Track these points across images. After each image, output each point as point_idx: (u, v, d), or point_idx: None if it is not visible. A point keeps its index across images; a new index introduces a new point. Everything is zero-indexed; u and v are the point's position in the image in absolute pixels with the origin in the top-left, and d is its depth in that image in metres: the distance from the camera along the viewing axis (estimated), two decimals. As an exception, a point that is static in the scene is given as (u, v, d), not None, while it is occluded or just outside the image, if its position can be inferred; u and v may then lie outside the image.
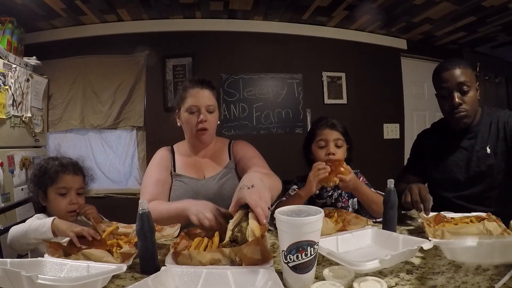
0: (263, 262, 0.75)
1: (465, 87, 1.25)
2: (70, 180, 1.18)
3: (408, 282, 0.70)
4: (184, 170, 1.29)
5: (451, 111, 1.28)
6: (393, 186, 1.05)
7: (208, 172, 1.30)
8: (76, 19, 2.60)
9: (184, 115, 1.26)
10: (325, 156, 1.31)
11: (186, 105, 1.24)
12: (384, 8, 2.58)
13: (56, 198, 1.16)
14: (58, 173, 1.17)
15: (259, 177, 0.93)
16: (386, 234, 0.93)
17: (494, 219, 0.96)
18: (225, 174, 1.29)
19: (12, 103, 2.06)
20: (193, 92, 1.24)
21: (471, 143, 1.32)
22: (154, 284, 0.65)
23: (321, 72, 3.06)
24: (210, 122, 1.25)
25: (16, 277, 0.61)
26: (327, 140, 1.32)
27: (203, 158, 1.33)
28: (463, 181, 1.32)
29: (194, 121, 1.23)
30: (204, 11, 2.69)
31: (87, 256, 0.82)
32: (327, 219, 1.00)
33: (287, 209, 0.74)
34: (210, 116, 1.25)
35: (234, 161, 1.33)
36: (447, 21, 2.79)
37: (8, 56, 2.06)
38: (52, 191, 1.16)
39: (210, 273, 0.71)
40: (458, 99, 1.25)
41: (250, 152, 1.32)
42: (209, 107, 1.24)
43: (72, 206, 1.17)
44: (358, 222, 1.06)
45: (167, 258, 0.79)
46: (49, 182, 1.16)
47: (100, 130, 2.79)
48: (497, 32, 3.04)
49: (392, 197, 1.05)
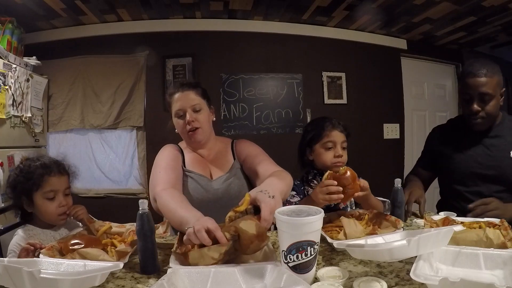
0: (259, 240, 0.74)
1: (487, 97, 1.25)
2: (57, 182, 1.11)
3: (408, 282, 0.70)
4: (193, 167, 1.29)
5: (469, 116, 1.30)
6: (400, 185, 1.06)
7: (214, 172, 1.31)
8: (76, 19, 2.59)
9: (175, 120, 1.29)
10: (334, 158, 1.30)
11: (174, 110, 1.27)
12: (384, 8, 2.58)
13: (44, 203, 1.09)
14: (43, 176, 1.09)
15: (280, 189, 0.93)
16: (417, 233, 0.87)
17: (506, 226, 0.89)
18: (231, 175, 1.29)
19: (12, 103, 2.06)
20: (176, 96, 1.27)
21: (493, 142, 1.33)
22: (169, 285, 0.65)
23: (321, 72, 3.06)
24: (200, 120, 1.26)
25: (17, 273, 0.61)
26: (335, 142, 1.30)
27: (207, 159, 1.34)
28: (480, 177, 1.32)
29: (182, 124, 1.25)
30: (204, 11, 2.68)
31: (83, 255, 0.82)
32: (356, 221, 0.97)
33: (287, 209, 0.74)
34: (197, 114, 1.25)
35: (239, 160, 1.33)
36: (447, 21, 2.79)
37: (8, 56, 2.06)
38: (39, 196, 1.09)
39: (218, 272, 0.72)
40: (477, 106, 1.26)
41: (254, 150, 1.32)
42: (194, 107, 1.25)
43: (62, 209, 1.12)
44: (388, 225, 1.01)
45: (171, 259, 0.78)
46: (34, 187, 1.08)
47: (100, 130, 2.79)
48: (497, 32, 3.03)
49: (399, 196, 1.05)
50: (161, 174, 1.16)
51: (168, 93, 1.33)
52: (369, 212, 1.09)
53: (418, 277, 0.61)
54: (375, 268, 0.80)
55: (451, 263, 0.76)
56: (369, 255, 0.73)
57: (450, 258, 0.76)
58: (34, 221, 1.14)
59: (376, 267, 0.80)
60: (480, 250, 0.75)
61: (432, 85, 3.53)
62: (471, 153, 1.36)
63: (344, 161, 1.31)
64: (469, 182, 1.35)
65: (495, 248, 0.77)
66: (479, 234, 0.82)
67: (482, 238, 0.81)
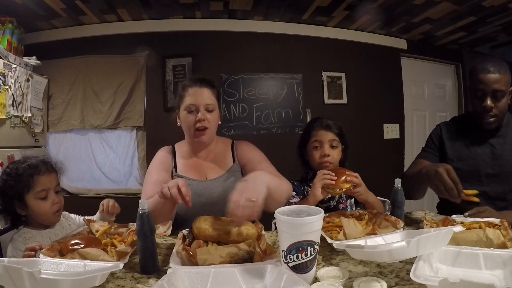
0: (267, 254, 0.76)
1: (500, 94, 1.24)
2: (47, 180, 1.11)
3: (408, 282, 0.70)
4: (185, 171, 1.26)
5: (482, 113, 1.28)
6: (400, 185, 1.06)
7: (210, 174, 1.27)
8: (76, 19, 2.59)
9: (183, 114, 1.24)
10: (320, 158, 1.30)
11: (185, 104, 1.22)
12: (384, 8, 2.58)
13: (37, 203, 1.08)
14: (32, 176, 1.08)
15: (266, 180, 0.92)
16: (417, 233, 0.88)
17: (506, 226, 0.89)
18: (229, 177, 1.26)
19: (12, 103, 2.06)
20: (192, 91, 1.22)
21: (500, 141, 1.31)
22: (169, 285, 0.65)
23: (321, 72, 3.06)
24: (210, 121, 1.22)
25: (17, 273, 0.61)
26: (321, 141, 1.30)
27: (205, 160, 1.30)
28: (486, 176, 1.31)
29: (192, 120, 1.21)
30: (204, 11, 2.68)
31: (83, 255, 0.82)
32: (356, 221, 0.96)
33: (287, 209, 0.74)
34: (209, 115, 1.22)
35: (239, 164, 1.29)
36: (447, 21, 2.79)
37: (8, 56, 2.06)
38: (31, 197, 1.08)
39: (218, 272, 0.72)
40: (491, 103, 1.25)
41: (256, 155, 1.29)
42: (208, 106, 1.22)
43: (56, 206, 1.12)
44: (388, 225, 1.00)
45: (171, 259, 0.78)
46: (25, 189, 1.07)
47: (100, 130, 2.79)
48: (497, 32, 3.03)
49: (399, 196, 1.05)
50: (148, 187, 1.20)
51: (182, 84, 1.28)
52: (369, 212, 1.09)
53: (418, 277, 0.61)
54: (375, 268, 0.80)
55: (451, 263, 0.76)
56: (368, 256, 0.73)
57: (450, 258, 0.76)
58: (29, 223, 1.13)
59: (376, 267, 0.80)
60: (480, 250, 0.75)
61: (432, 85, 3.53)
62: (477, 152, 1.34)
63: (332, 161, 1.30)
64: (474, 181, 1.32)
65: (495, 248, 0.77)
66: (479, 234, 0.82)
67: (482, 238, 0.81)
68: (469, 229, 0.88)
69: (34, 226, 1.13)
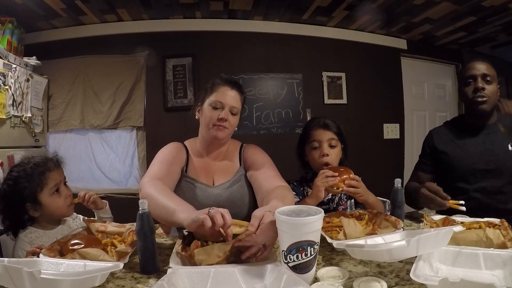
0: None
1: (489, 78, 1.36)
2: (57, 175, 1.13)
3: (408, 282, 0.70)
4: (194, 173, 1.25)
5: (474, 95, 1.36)
6: (400, 185, 1.06)
7: (218, 178, 1.26)
8: (76, 19, 2.59)
9: (207, 108, 1.22)
10: (319, 157, 1.30)
11: (211, 99, 1.21)
12: (384, 8, 2.58)
13: (52, 199, 1.10)
14: (44, 173, 1.09)
15: None
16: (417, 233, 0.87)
17: (506, 226, 0.88)
18: (235, 182, 1.25)
19: (12, 103, 2.06)
20: (222, 89, 1.22)
21: (491, 138, 1.37)
22: (169, 286, 0.65)
23: (321, 72, 3.06)
24: (231, 123, 1.22)
25: (17, 273, 0.61)
26: (320, 141, 1.30)
27: (215, 160, 1.29)
28: (482, 172, 1.35)
29: (215, 116, 1.20)
30: (204, 11, 2.68)
31: (83, 255, 0.82)
32: (356, 221, 0.96)
33: (287, 209, 0.74)
34: (231, 117, 1.22)
35: (244, 166, 1.29)
36: (447, 21, 2.79)
37: (8, 56, 2.06)
38: (45, 195, 1.09)
39: (218, 272, 0.71)
40: (482, 84, 1.35)
41: (260, 158, 1.28)
42: (233, 109, 1.21)
43: (69, 199, 1.14)
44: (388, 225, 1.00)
45: (171, 259, 0.78)
46: (38, 188, 1.07)
47: (100, 130, 2.79)
48: (497, 32, 3.04)
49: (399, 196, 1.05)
50: (154, 167, 1.15)
51: (212, 82, 1.27)
52: (369, 212, 1.09)
53: (418, 277, 0.61)
54: (375, 268, 0.80)
55: (451, 263, 0.76)
56: (368, 255, 0.73)
57: (450, 258, 0.76)
58: (38, 223, 1.13)
59: (376, 267, 0.80)
60: (480, 250, 0.75)
61: (432, 85, 3.53)
62: (470, 150, 1.39)
63: (331, 160, 1.29)
64: (470, 178, 1.36)
65: (495, 248, 0.77)
66: (479, 234, 0.82)
67: (482, 238, 0.81)
68: (469, 229, 0.89)
69: (42, 226, 1.13)
